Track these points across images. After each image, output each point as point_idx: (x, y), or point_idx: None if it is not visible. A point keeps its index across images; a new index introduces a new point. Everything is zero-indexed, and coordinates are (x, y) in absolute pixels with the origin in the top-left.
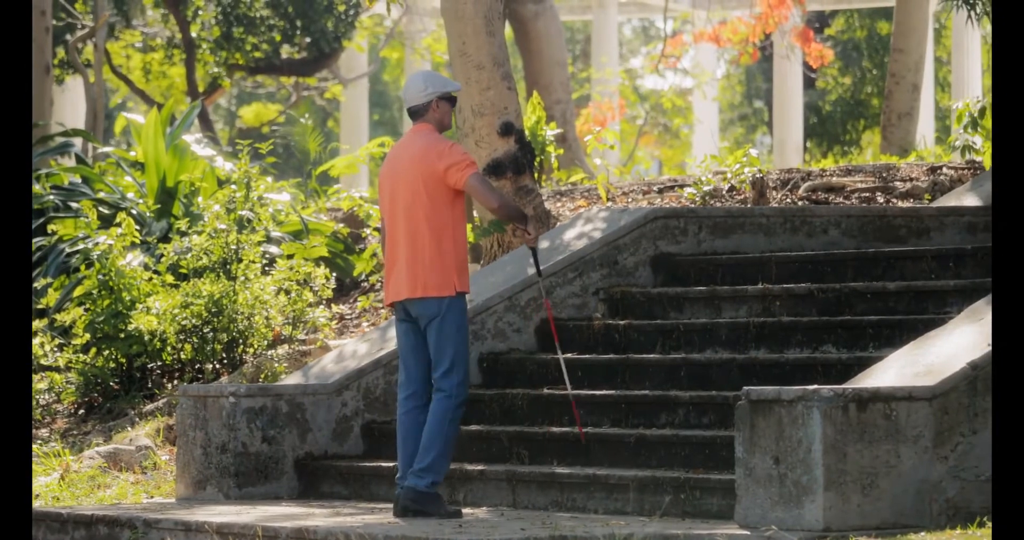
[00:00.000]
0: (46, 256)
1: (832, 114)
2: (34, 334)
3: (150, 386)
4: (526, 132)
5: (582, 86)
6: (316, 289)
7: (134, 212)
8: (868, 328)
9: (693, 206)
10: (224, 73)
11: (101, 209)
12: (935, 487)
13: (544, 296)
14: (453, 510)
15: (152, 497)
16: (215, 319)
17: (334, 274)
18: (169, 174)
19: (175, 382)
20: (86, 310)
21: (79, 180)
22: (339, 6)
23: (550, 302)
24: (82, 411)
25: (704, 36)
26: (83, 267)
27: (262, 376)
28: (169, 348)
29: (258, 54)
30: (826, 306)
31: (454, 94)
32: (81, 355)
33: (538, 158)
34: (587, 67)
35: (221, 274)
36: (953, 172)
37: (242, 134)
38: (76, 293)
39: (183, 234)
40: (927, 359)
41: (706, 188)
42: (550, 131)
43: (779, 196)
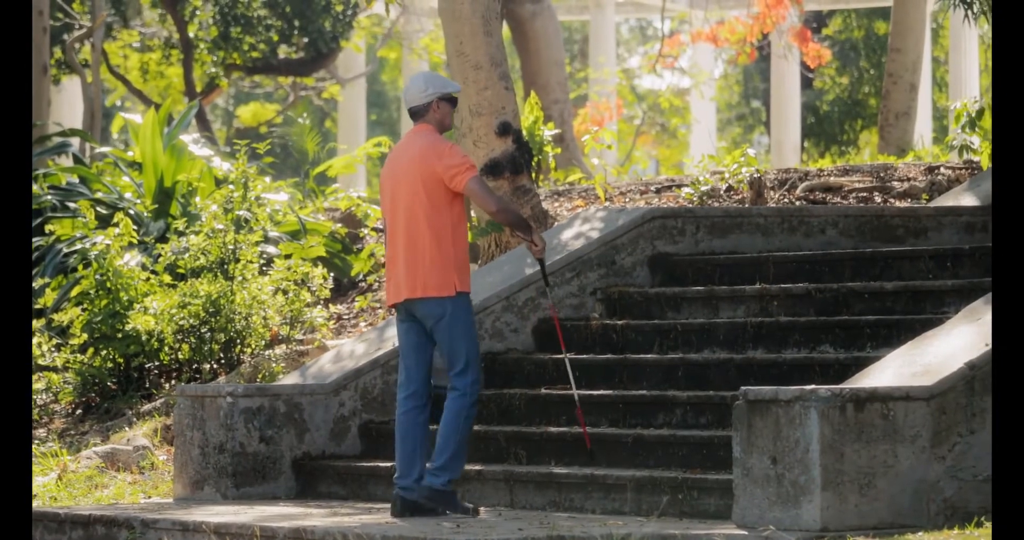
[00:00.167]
0: (43, 256)
1: (830, 114)
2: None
3: (147, 386)
4: (524, 132)
5: (580, 86)
6: (314, 289)
7: (131, 212)
8: (866, 328)
9: (691, 206)
10: (222, 73)
11: (98, 209)
12: (933, 487)
13: (553, 307)
14: (469, 507)
15: (150, 497)
16: (213, 319)
17: (332, 274)
18: (167, 174)
19: (172, 382)
20: (83, 310)
21: (76, 180)
22: (337, 6)
23: (552, 304)
24: (79, 411)
25: (702, 36)
26: (80, 267)
27: (260, 376)
28: (167, 348)
29: (255, 54)
30: (824, 306)
31: (455, 95)
32: (78, 355)
33: (535, 158)
34: (585, 67)
35: (219, 274)
36: (951, 172)
37: (240, 134)
38: (73, 293)
39: (181, 234)
40: (925, 359)
41: (704, 188)
42: (548, 131)
43: (777, 196)
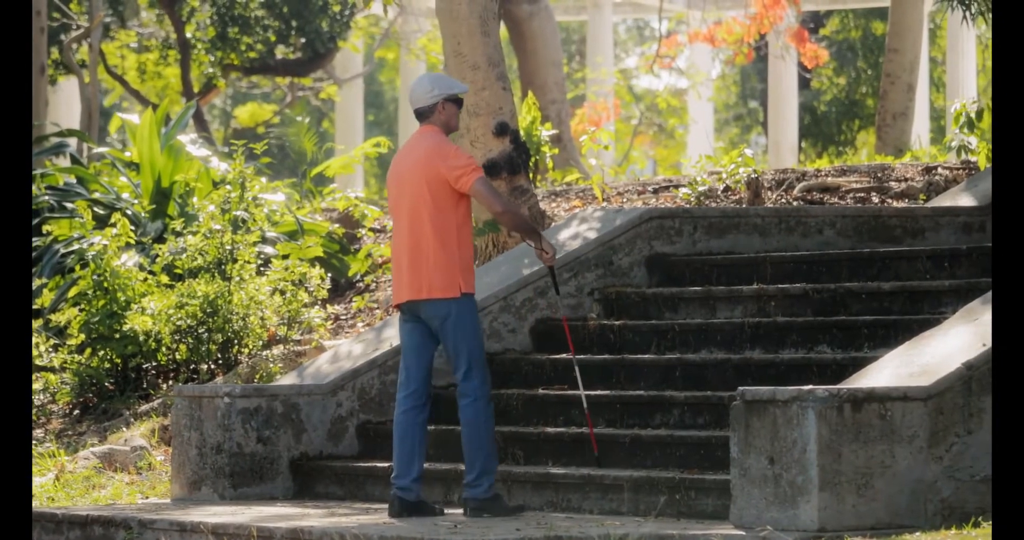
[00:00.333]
0: (41, 256)
1: (827, 114)
2: None
3: (145, 386)
4: (521, 132)
5: (577, 86)
6: (311, 289)
7: (129, 212)
8: (863, 328)
9: (688, 206)
10: (219, 73)
11: (96, 209)
12: (930, 487)
13: (565, 318)
14: (515, 506)
15: (147, 497)
16: (210, 319)
17: (329, 274)
18: (164, 174)
19: (170, 382)
20: (81, 310)
21: (74, 180)
22: (334, 6)
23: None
24: (77, 411)
25: (699, 36)
26: (78, 267)
27: (257, 377)
28: (164, 348)
29: (253, 54)
30: (821, 306)
31: (460, 96)
32: (76, 355)
33: (533, 158)
34: (582, 67)
35: (216, 274)
36: (948, 172)
37: (237, 134)
38: (71, 293)
39: (178, 234)
40: (922, 359)
41: (701, 188)
42: (545, 131)
43: (774, 196)
